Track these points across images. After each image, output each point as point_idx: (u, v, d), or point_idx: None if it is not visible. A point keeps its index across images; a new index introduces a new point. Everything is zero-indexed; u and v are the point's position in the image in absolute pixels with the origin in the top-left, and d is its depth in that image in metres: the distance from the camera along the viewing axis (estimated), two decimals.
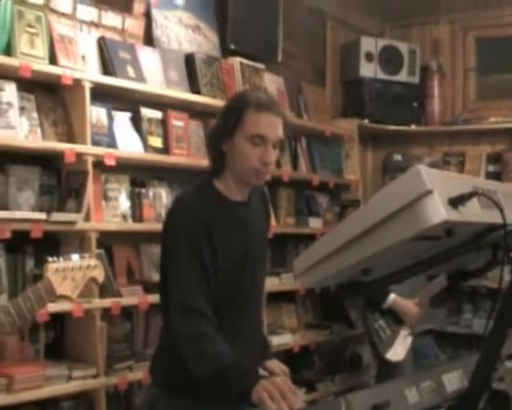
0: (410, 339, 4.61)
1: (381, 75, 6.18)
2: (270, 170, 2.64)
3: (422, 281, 4.57)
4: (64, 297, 2.67)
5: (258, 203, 2.82)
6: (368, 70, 6.14)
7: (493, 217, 1.79)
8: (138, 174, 4.25)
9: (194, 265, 2.49)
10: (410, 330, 4.60)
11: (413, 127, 6.32)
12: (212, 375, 2.35)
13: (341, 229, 1.86)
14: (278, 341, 4.79)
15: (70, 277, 2.65)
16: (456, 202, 1.69)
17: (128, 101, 4.20)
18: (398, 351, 4.56)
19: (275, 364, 2.82)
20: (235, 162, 2.59)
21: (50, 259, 2.60)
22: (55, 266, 2.60)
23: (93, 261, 2.79)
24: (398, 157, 4.82)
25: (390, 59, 6.21)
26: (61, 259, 2.64)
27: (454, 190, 1.71)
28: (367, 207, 1.78)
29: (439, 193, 1.66)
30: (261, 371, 2.69)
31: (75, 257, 2.71)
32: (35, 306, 2.51)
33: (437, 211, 1.64)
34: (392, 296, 4.56)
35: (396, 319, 4.61)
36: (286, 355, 4.78)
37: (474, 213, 1.75)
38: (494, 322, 1.99)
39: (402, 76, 6.25)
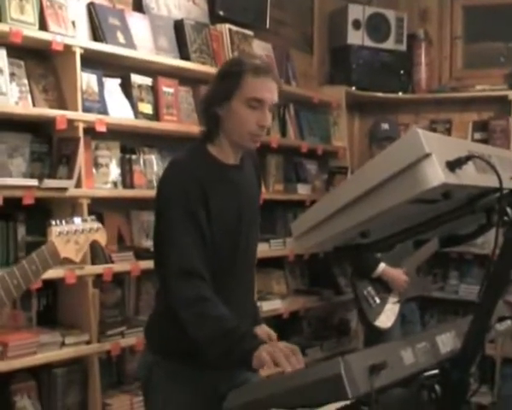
0: (398, 306, 4.65)
1: (369, 43, 6.16)
2: (263, 133, 2.67)
3: (408, 249, 4.61)
4: (68, 260, 2.65)
5: (251, 168, 2.83)
6: (355, 38, 6.13)
7: (488, 181, 1.82)
8: (128, 141, 4.25)
9: (189, 227, 2.48)
10: (399, 298, 4.65)
11: (400, 95, 6.32)
12: (213, 338, 2.35)
13: (341, 191, 1.87)
14: (268, 306, 4.82)
15: (73, 240, 2.64)
16: (453, 166, 1.70)
17: (118, 67, 4.19)
18: (387, 318, 4.60)
19: (263, 329, 2.82)
20: (232, 126, 2.60)
21: (53, 222, 2.58)
22: (58, 230, 2.58)
23: (95, 224, 2.78)
24: (385, 126, 4.83)
25: (377, 27, 6.20)
26: (64, 222, 2.62)
27: (451, 153, 1.73)
28: (366, 170, 1.79)
29: (437, 156, 1.68)
30: None
31: (77, 220, 2.70)
32: (40, 269, 2.49)
33: (435, 174, 1.66)
34: (383, 265, 4.60)
35: (384, 286, 4.65)
36: (275, 321, 4.82)
37: (470, 176, 1.77)
38: (487, 285, 2.02)
39: (389, 44, 6.24)
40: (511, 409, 5.64)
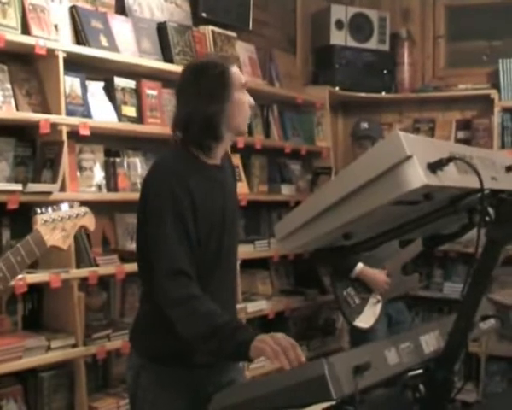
0: (379, 306, 4.64)
1: (352, 43, 6.18)
2: None
3: (393, 249, 4.62)
4: (55, 248, 2.60)
5: (228, 169, 2.87)
6: (338, 38, 6.14)
7: (469, 181, 1.83)
8: (112, 144, 4.24)
9: (178, 229, 2.49)
10: (380, 298, 4.65)
11: (383, 94, 6.34)
12: (206, 334, 2.35)
13: (323, 194, 1.89)
14: (253, 307, 4.80)
15: (60, 227, 2.59)
16: (434, 167, 1.72)
17: (101, 70, 4.18)
18: (367, 318, 4.59)
19: None
20: (235, 116, 2.66)
21: (39, 210, 2.53)
22: (43, 218, 2.53)
23: (82, 209, 2.72)
24: (364, 125, 4.84)
25: (360, 27, 6.22)
26: (50, 209, 2.57)
27: (432, 155, 1.75)
28: (348, 172, 1.81)
29: (418, 158, 1.70)
30: None
31: (64, 206, 2.64)
32: (26, 259, 2.45)
33: (416, 176, 1.68)
34: (360, 266, 4.59)
35: (365, 286, 4.65)
36: (261, 321, 4.83)
37: (452, 177, 1.78)
38: (470, 283, 2.04)
39: (372, 44, 6.26)
40: (496, 407, 5.66)
